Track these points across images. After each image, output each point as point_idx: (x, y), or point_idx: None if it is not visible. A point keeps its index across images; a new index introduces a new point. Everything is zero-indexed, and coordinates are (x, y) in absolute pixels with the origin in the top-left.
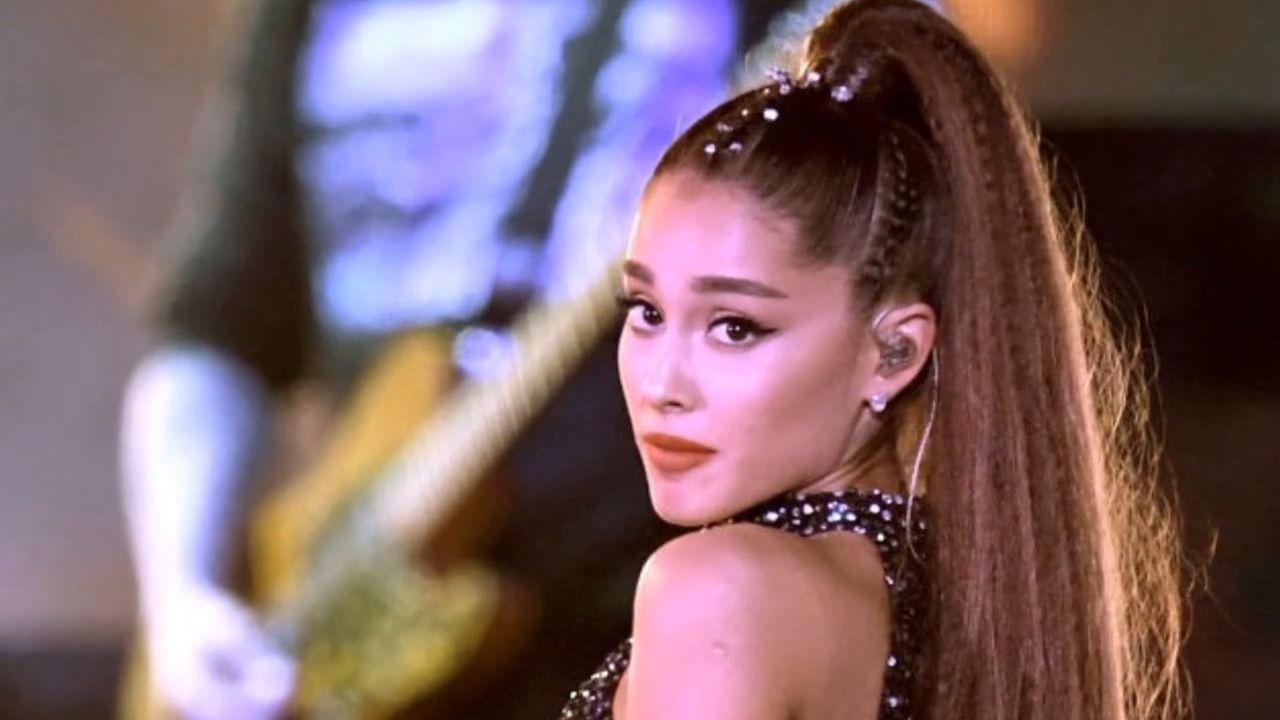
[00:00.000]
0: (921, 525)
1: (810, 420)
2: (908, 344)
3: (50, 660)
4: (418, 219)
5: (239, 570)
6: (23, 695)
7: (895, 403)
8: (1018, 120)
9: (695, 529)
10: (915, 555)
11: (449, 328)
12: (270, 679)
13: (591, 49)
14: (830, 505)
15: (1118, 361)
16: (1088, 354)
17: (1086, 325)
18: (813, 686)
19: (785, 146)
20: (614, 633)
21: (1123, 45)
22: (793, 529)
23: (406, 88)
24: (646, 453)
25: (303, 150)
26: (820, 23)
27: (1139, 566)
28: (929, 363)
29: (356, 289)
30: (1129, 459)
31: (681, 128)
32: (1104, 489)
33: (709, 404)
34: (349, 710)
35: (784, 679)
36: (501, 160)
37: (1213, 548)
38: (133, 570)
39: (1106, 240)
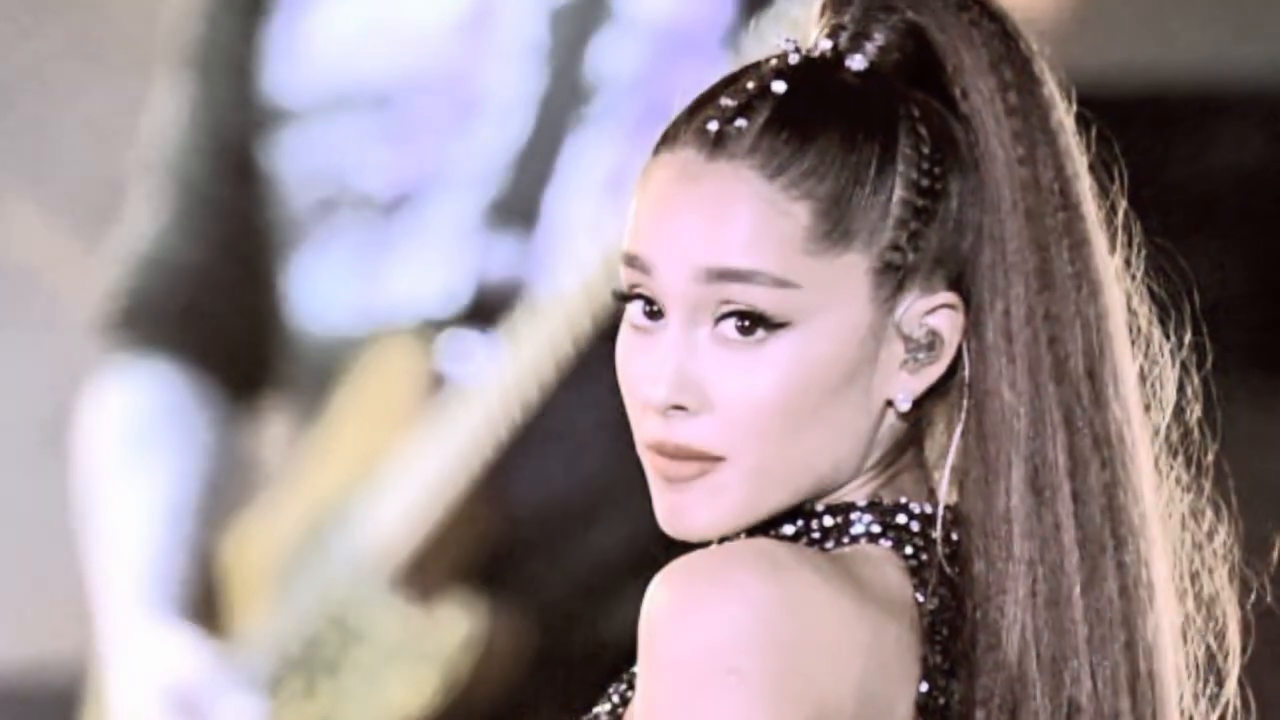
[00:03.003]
0: (954, 536)
1: (828, 423)
2: (934, 337)
3: None
4: (392, 209)
5: (204, 599)
6: None
7: (922, 402)
8: (1051, 88)
9: (704, 545)
10: (947, 569)
11: (429, 329)
12: (240, 718)
13: (580, 19)
14: (852, 516)
15: (1166, 352)
16: (1133, 344)
17: (1131, 313)
18: (837, 715)
19: (796, 122)
20: (616, 661)
21: (1166, 3)
22: (812, 543)
23: (377, 65)
24: (649, 462)
25: (264, 136)
26: None
27: (1194, 577)
28: (958, 357)
29: (326, 288)
30: (1181, 459)
31: (681, 104)
32: (1154, 492)
33: (717, 407)
34: None
35: (805, 707)
36: (484, 143)
37: (1275, 555)
38: (86, 602)
39: (1152, 219)
